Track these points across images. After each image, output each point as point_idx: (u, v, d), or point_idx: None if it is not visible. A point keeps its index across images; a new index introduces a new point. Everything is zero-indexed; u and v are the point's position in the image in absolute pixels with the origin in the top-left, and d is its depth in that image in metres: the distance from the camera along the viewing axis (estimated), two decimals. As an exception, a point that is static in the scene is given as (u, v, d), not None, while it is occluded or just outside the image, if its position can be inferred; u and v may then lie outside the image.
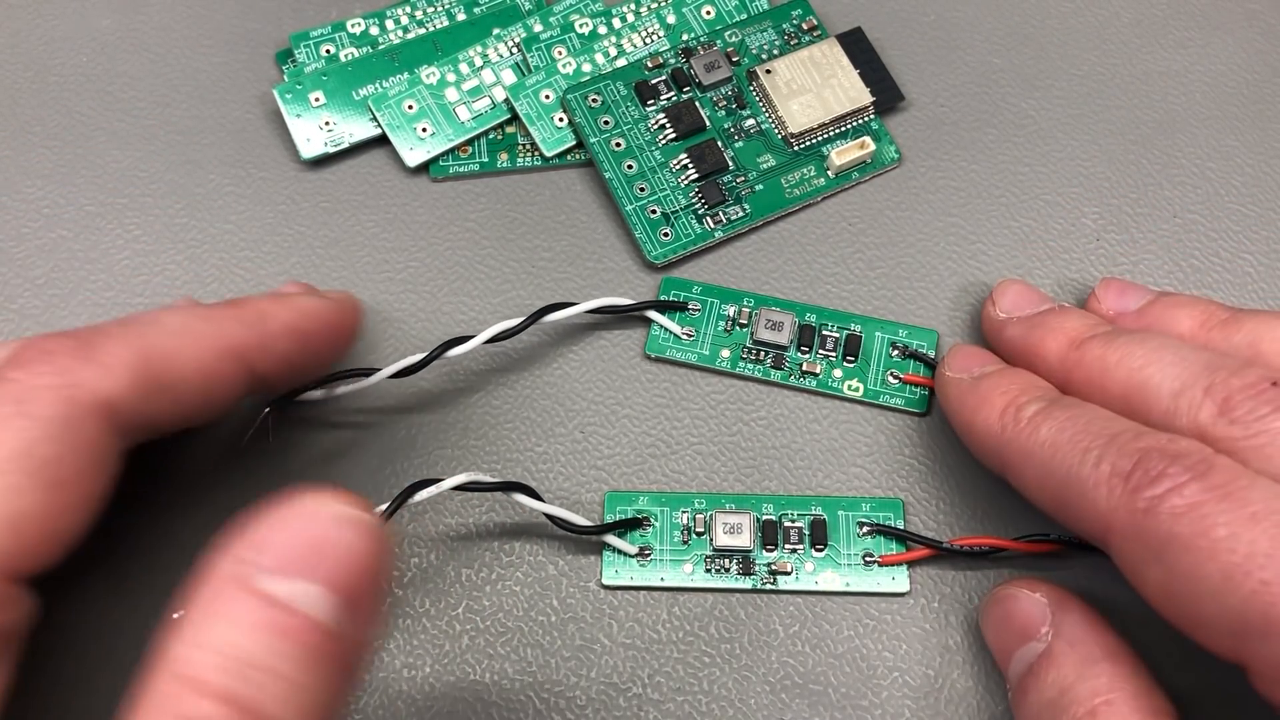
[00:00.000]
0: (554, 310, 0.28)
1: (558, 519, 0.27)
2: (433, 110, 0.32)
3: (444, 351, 0.27)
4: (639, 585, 0.27)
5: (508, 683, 0.26)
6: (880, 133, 0.32)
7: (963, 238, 0.31)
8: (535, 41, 0.33)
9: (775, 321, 0.29)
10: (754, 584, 0.27)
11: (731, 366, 0.29)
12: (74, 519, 0.20)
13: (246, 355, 0.23)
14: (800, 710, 0.26)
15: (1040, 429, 0.23)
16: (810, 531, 0.27)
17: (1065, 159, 0.32)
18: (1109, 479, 0.22)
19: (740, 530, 0.27)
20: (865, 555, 0.27)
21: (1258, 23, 0.34)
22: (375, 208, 0.32)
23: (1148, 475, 0.21)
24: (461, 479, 0.26)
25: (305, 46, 0.33)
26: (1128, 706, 0.22)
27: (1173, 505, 0.20)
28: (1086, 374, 0.25)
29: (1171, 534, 0.20)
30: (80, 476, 0.19)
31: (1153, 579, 0.21)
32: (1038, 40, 0.34)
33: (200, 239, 0.31)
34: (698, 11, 0.34)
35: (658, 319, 0.30)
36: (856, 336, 0.29)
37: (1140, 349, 0.24)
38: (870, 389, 0.29)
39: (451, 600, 0.27)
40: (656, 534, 0.28)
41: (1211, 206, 0.32)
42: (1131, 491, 0.21)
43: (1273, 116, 0.33)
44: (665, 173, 0.31)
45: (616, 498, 0.28)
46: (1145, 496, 0.21)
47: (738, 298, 0.30)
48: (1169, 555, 0.20)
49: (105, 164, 0.32)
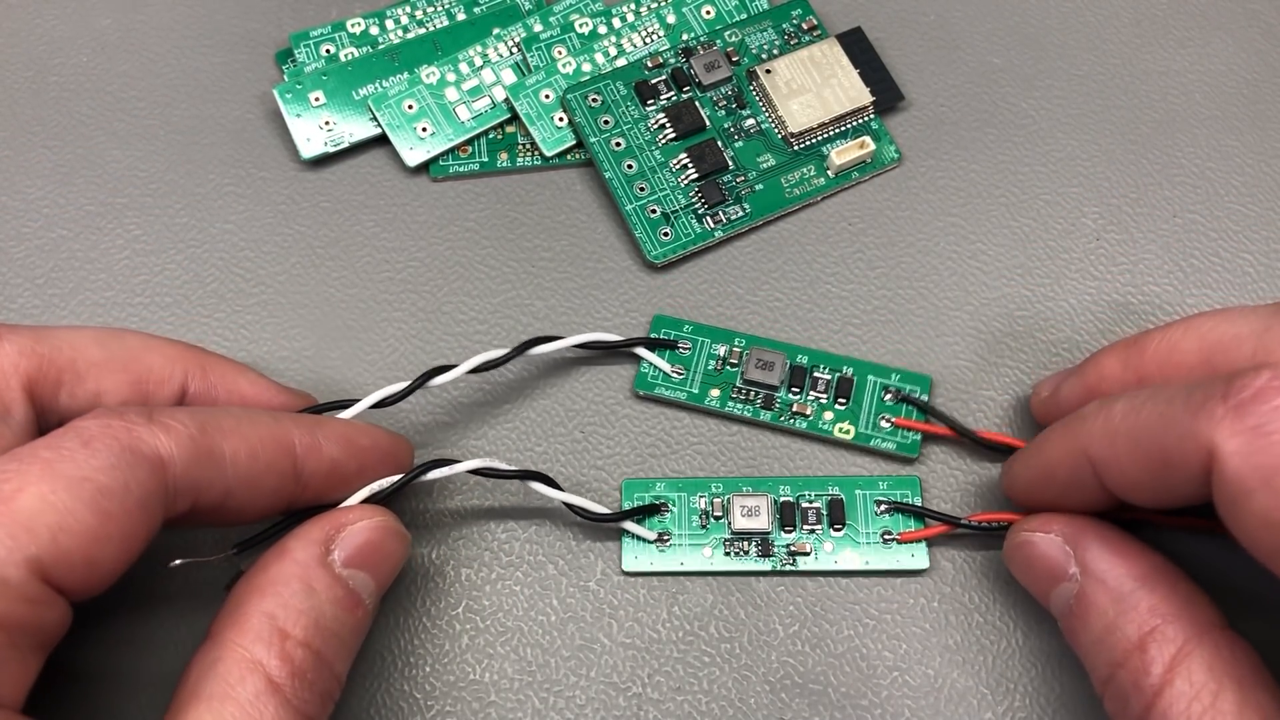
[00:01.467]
0: (540, 343, 0.28)
1: (576, 507, 0.27)
2: (433, 110, 0.32)
3: (426, 381, 0.27)
4: (659, 571, 0.27)
5: (507, 683, 0.26)
6: (880, 132, 0.32)
7: (963, 238, 0.31)
8: (535, 41, 0.33)
9: (766, 361, 0.29)
10: (774, 565, 0.27)
11: (721, 406, 0.29)
12: (112, 551, 0.21)
13: (297, 450, 0.24)
14: (800, 710, 0.26)
15: (1113, 407, 0.22)
16: (828, 511, 0.27)
17: (1065, 159, 0.32)
18: (1205, 404, 0.20)
19: (758, 513, 0.27)
20: (884, 533, 0.27)
21: (1258, 23, 0.34)
22: (375, 207, 0.32)
23: (1250, 388, 0.19)
24: (478, 463, 0.26)
25: (305, 46, 0.33)
26: (1173, 629, 0.22)
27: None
28: (1157, 364, 0.24)
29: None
30: (126, 514, 0.21)
31: (1256, 509, 0.19)
32: (1038, 40, 0.34)
33: (200, 239, 0.31)
34: (698, 11, 0.34)
35: (647, 356, 0.29)
36: (848, 379, 0.29)
37: (1202, 317, 0.24)
38: (861, 432, 0.28)
39: (451, 600, 0.27)
40: (675, 519, 0.28)
41: (1211, 206, 0.32)
42: (1236, 409, 0.19)
43: (1273, 116, 0.33)
44: (665, 172, 0.31)
45: (634, 485, 0.28)
46: (1254, 410, 0.19)
47: (729, 337, 0.29)
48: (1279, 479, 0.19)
49: (105, 164, 0.32)
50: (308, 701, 0.22)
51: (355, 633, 0.23)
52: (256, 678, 0.21)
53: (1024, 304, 0.30)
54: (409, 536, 0.25)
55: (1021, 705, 0.26)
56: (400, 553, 0.25)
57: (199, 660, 0.22)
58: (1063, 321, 0.30)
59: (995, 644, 0.27)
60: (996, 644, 0.27)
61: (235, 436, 0.23)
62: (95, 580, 0.21)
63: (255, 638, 0.22)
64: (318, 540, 0.23)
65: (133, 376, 0.25)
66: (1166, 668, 0.21)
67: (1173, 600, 0.22)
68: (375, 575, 0.24)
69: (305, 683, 0.22)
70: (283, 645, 0.22)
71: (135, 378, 0.25)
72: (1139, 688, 0.22)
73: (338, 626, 0.23)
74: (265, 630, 0.22)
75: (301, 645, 0.22)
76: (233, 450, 0.23)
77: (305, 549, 0.23)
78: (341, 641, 0.23)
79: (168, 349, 0.26)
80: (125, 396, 0.25)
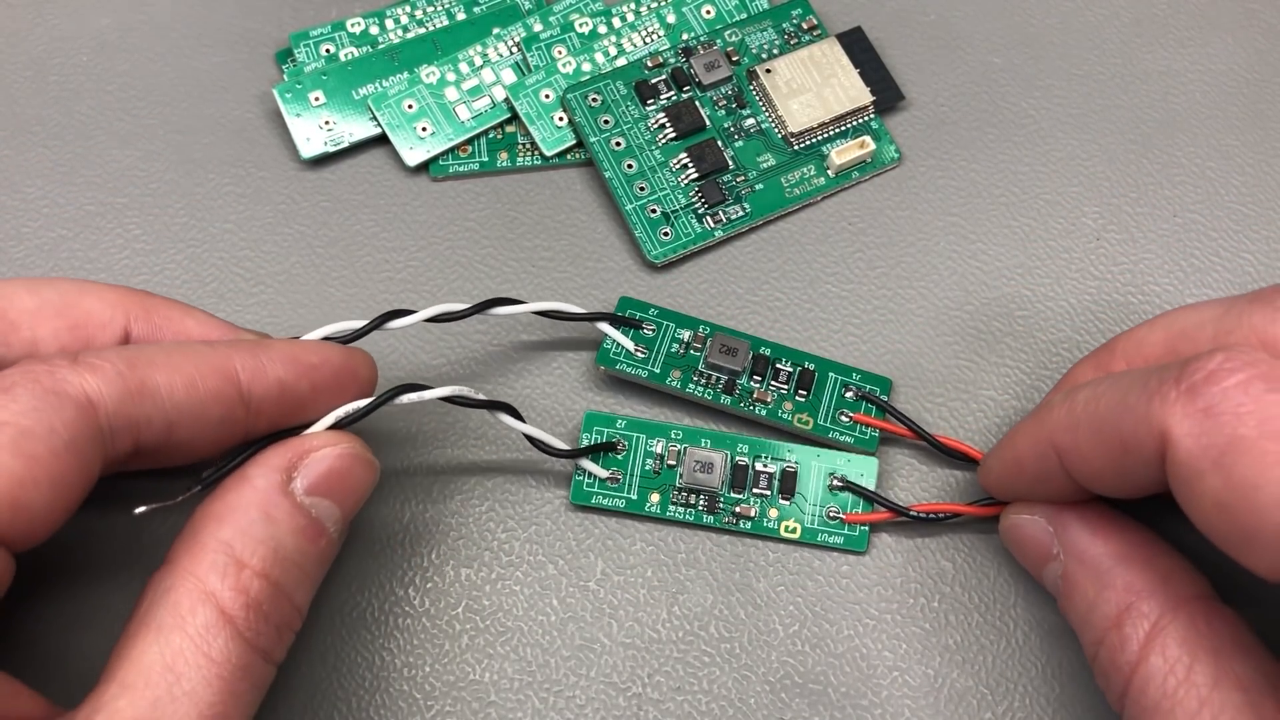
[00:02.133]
0: (502, 304, 0.28)
1: (537, 440, 0.27)
2: (433, 109, 0.32)
3: (384, 323, 0.26)
4: (604, 508, 0.27)
5: (507, 683, 0.26)
6: (880, 132, 0.32)
7: (963, 238, 0.31)
8: (535, 41, 0.33)
9: (730, 348, 0.29)
10: (716, 521, 0.27)
11: (682, 388, 0.29)
12: (43, 496, 0.20)
13: (240, 375, 0.23)
14: (800, 710, 0.26)
15: (1076, 396, 0.22)
16: (780, 480, 0.28)
17: (1065, 159, 0.32)
18: (1159, 388, 0.20)
19: (711, 469, 0.27)
20: (829, 510, 0.27)
21: (1258, 23, 0.34)
22: (375, 207, 0.32)
23: (1202, 370, 0.19)
24: (449, 391, 0.25)
25: (305, 46, 0.33)
26: (1149, 604, 0.22)
27: (1237, 403, 0.19)
28: (1126, 360, 0.24)
29: (1235, 437, 0.18)
30: (54, 457, 0.20)
31: (1208, 491, 0.19)
32: (1038, 40, 0.34)
33: (200, 239, 0.31)
34: (698, 11, 0.34)
35: (609, 332, 0.29)
36: (809, 373, 0.29)
37: (1169, 312, 0.24)
38: (820, 424, 0.28)
39: (451, 600, 0.27)
40: (628, 458, 0.28)
41: (1211, 206, 0.32)
42: (1188, 392, 0.19)
43: (1273, 116, 0.33)
44: (665, 172, 0.31)
45: (595, 418, 0.28)
46: (1205, 393, 0.19)
47: (694, 324, 0.29)
48: (1229, 460, 0.19)
49: (105, 164, 0.32)
50: (261, 634, 0.21)
51: (318, 563, 0.23)
52: (208, 609, 0.21)
53: (1024, 304, 0.30)
54: (377, 464, 0.24)
55: (1021, 705, 0.26)
56: (368, 480, 0.24)
57: (153, 586, 0.21)
58: (1063, 321, 0.30)
59: (995, 644, 0.27)
60: (996, 644, 0.27)
61: (168, 368, 0.22)
62: (30, 527, 0.20)
63: (210, 567, 0.21)
64: (278, 467, 0.23)
65: (70, 322, 0.24)
66: (1142, 644, 0.22)
67: (1148, 575, 0.22)
68: (340, 503, 0.23)
69: (260, 615, 0.21)
70: (238, 576, 0.21)
71: (73, 323, 0.24)
72: (1117, 665, 0.22)
73: (299, 557, 0.22)
74: (221, 560, 0.21)
75: (259, 576, 0.21)
76: (168, 382, 0.22)
77: (265, 476, 0.22)
78: (303, 572, 0.22)
79: (106, 293, 0.25)
80: (64, 343, 0.24)
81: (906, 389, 0.29)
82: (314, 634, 0.27)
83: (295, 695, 0.26)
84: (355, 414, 0.24)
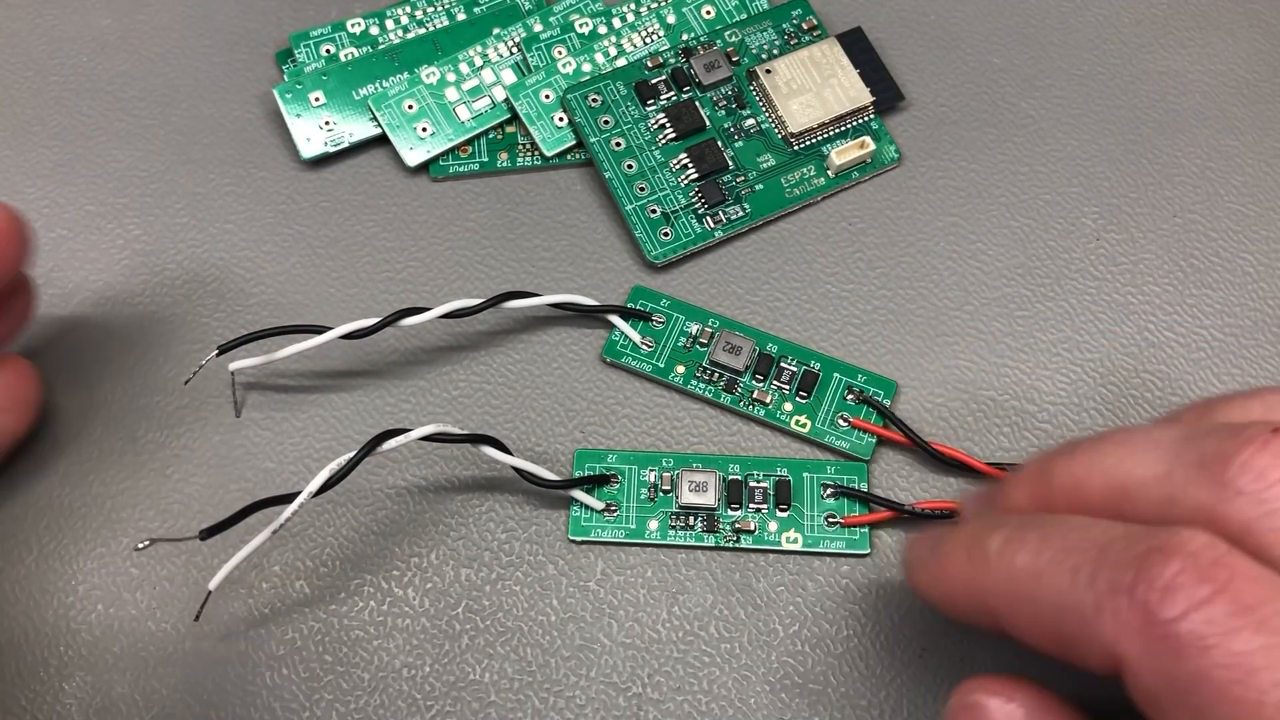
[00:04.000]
0: (516, 298, 0.28)
1: (526, 473, 0.27)
2: (433, 110, 0.32)
3: (397, 320, 0.27)
4: (604, 541, 0.27)
5: (507, 683, 0.26)
6: (880, 132, 0.32)
7: (963, 238, 0.31)
8: (535, 41, 0.33)
9: (734, 345, 0.29)
10: (717, 541, 0.27)
11: (684, 383, 0.29)
12: None
13: None
14: (800, 710, 0.26)
15: (1015, 558, 0.20)
16: (775, 492, 0.28)
17: (1065, 159, 0.32)
18: (1109, 598, 0.18)
19: (705, 489, 0.28)
20: (828, 516, 0.27)
21: (1258, 23, 0.34)
22: (375, 208, 0.32)
23: (1155, 585, 0.17)
24: (430, 430, 0.26)
25: (305, 46, 0.33)
26: None
27: (1199, 635, 0.17)
28: (1064, 500, 0.21)
29: (1201, 674, 0.17)
30: None
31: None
32: (1038, 40, 0.34)
33: (200, 239, 0.31)
34: (698, 11, 0.34)
35: (619, 324, 0.29)
36: (814, 374, 0.29)
37: (1107, 445, 0.21)
38: (817, 428, 0.28)
39: (451, 600, 0.27)
40: (623, 491, 0.28)
41: (1211, 206, 0.32)
42: (1142, 611, 0.17)
43: (1273, 116, 0.33)
44: (665, 172, 0.31)
45: (586, 455, 0.28)
46: (1161, 619, 0.17)
47: (704, 317, 0.30)
48: (1196, 699, 0.17)
49: (105, 164, 0.32)
50: None
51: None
52: None
53: (1024, 304, 0.30)
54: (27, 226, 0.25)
55: (1021, 705, 0.26)
56: None
57: None
58: (1062, 321, 0.30)
59: (995, 643, 0.27)
60: (996, 643, 0.27)
61: None
62: None
63: None
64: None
65: None
66: None
67: None
68: None
69: None
70: None
71: None
72: None
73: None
74: None
75: None
76: None
77: None
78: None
79: None
80: None
81: (906, 389, 0.29)
82: (314, 634, 0.27)
83: (295, 695, 0.26)
84: (341, 470, 0.25)
